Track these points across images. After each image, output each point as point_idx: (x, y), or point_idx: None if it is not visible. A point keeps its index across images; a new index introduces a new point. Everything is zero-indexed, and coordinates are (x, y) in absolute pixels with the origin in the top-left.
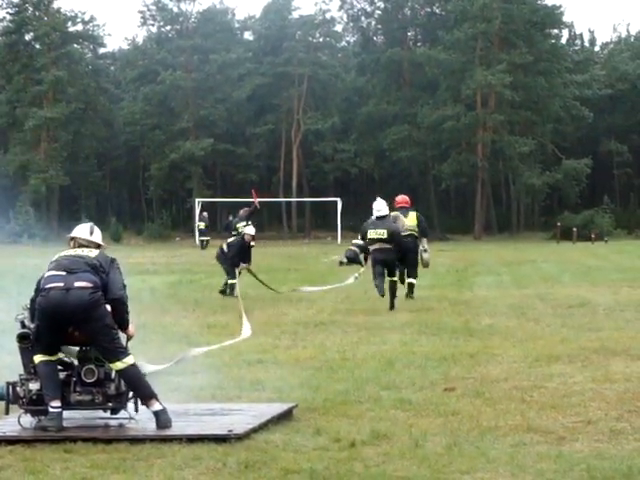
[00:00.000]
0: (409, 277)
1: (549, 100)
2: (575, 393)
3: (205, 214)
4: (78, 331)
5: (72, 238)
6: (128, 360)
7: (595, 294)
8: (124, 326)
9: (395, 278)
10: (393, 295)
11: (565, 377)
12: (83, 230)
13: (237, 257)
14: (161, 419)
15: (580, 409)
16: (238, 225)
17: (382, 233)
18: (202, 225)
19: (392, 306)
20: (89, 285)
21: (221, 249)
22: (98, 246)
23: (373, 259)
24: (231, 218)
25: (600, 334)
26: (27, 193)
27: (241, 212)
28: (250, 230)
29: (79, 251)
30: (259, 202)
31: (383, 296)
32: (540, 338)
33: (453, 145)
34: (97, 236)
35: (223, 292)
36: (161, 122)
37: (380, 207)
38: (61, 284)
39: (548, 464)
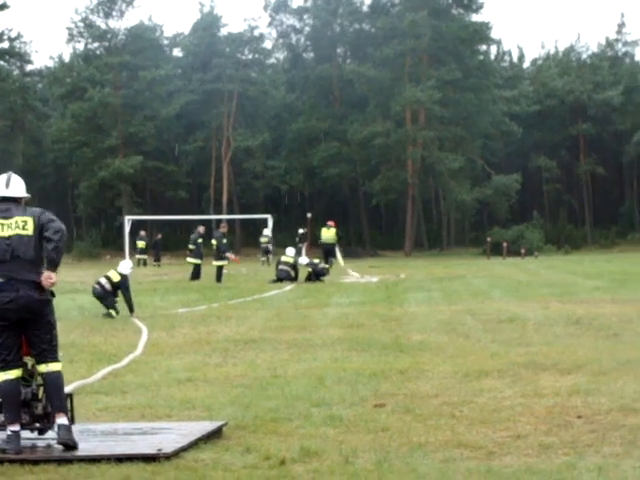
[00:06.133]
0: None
1: (478, 116)
2: (505, 408)
3: (143, 233)
4: (25, 332)
5: None
6: (55, 366)
7: (525, 309)
8: (57, 263)
9: None
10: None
11: (495, 392)
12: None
13: (113, 296)
14: (62, 434)
15: (509, 424)
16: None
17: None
18: (142, 244)
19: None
20: (35, 286)
21: (100, 285)
22: (18, 200)
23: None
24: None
25: (529, 349)
26: None
27: (200, 228)
28: (124, 268)
29: (13, 224)
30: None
31: None
32: (470, 353)
33: (383, 161)
34: (15, 188)
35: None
36: (89, 139)
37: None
38: (11, 293)
39: (478, 479)
